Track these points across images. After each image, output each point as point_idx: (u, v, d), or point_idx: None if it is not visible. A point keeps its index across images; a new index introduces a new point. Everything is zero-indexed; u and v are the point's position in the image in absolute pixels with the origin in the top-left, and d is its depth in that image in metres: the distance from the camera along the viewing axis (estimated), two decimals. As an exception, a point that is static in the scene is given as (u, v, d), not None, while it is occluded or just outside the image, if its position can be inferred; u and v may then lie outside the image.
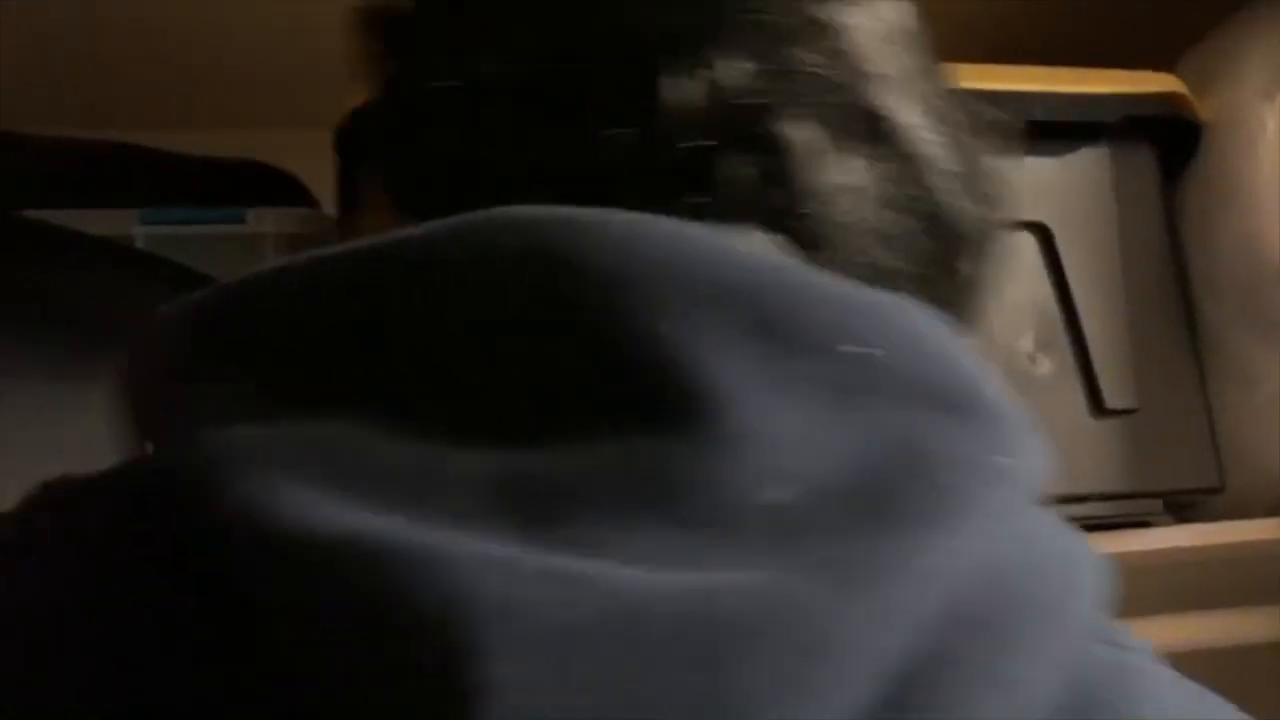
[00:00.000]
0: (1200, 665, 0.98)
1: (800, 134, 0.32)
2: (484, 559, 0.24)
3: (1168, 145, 0.88)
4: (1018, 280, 0.80)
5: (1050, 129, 0.81)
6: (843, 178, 0.33)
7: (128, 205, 0.74)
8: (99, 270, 0.71)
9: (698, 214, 0.30)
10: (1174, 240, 0.87)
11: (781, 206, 0.32)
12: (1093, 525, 0.81)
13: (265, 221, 0.77)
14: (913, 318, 0.31)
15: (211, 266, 0.75)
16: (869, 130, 0.33)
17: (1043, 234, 0.82)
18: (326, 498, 0.26)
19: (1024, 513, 0.31)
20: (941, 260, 0.36)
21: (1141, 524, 0.82)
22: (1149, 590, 0.86)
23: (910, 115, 0.34)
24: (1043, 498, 0.34)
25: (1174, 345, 0.84)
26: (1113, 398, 0.80)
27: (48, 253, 0.70)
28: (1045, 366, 0.80)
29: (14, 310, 0.67)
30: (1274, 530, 0.82)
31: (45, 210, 0.70)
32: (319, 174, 0.88)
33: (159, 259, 0.74)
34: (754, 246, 0.32)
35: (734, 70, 0.32)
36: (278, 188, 0.83)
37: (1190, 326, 0.85)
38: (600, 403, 0.27)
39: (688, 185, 0.32)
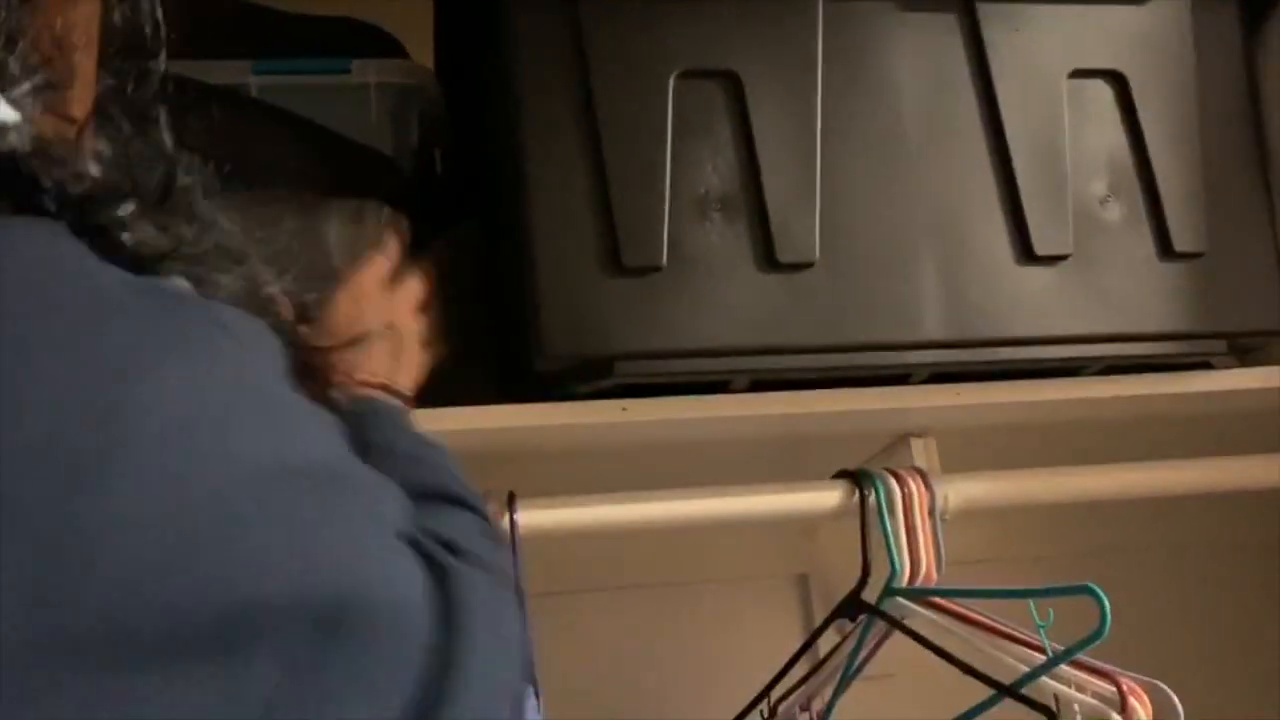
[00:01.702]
0: (1260, 506, 1.01)
1: None
2: None
3: (1251, -4, 0.88)
4: (1092, 126, 0.82)
5: (1130, -23, 0.82)
6: None
7: (242, 57, 0.79)
8: (216, 115, 0.76)
9: None
10: (1252, 90, 0.88)
11: None
12: (1156, 365, 0.84)
13: (369, 71, 0.81)
14: None
15: (319, 113, 0.81)
16: None
17: (1118, 81, 0.84)
18: None
19: None
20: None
21: (1204, 365, 0.84)
22: (1210, 432, 0.90)
23: None
24: None
25: (1245, 191, 0.85)
26: (1181, 241, 0.82)
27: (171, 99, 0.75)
28: (1116, 210, 0.82)
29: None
30: (1337, 373, 0.84)
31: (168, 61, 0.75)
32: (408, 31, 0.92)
33: (272, 106, 0.79)
34: None
35: None
36: (376, 41, 0.88)
37: (1263, 173, 0.86)
38: None
39: None
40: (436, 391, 0.84)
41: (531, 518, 0.77)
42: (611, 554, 0.89)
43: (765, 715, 0.88)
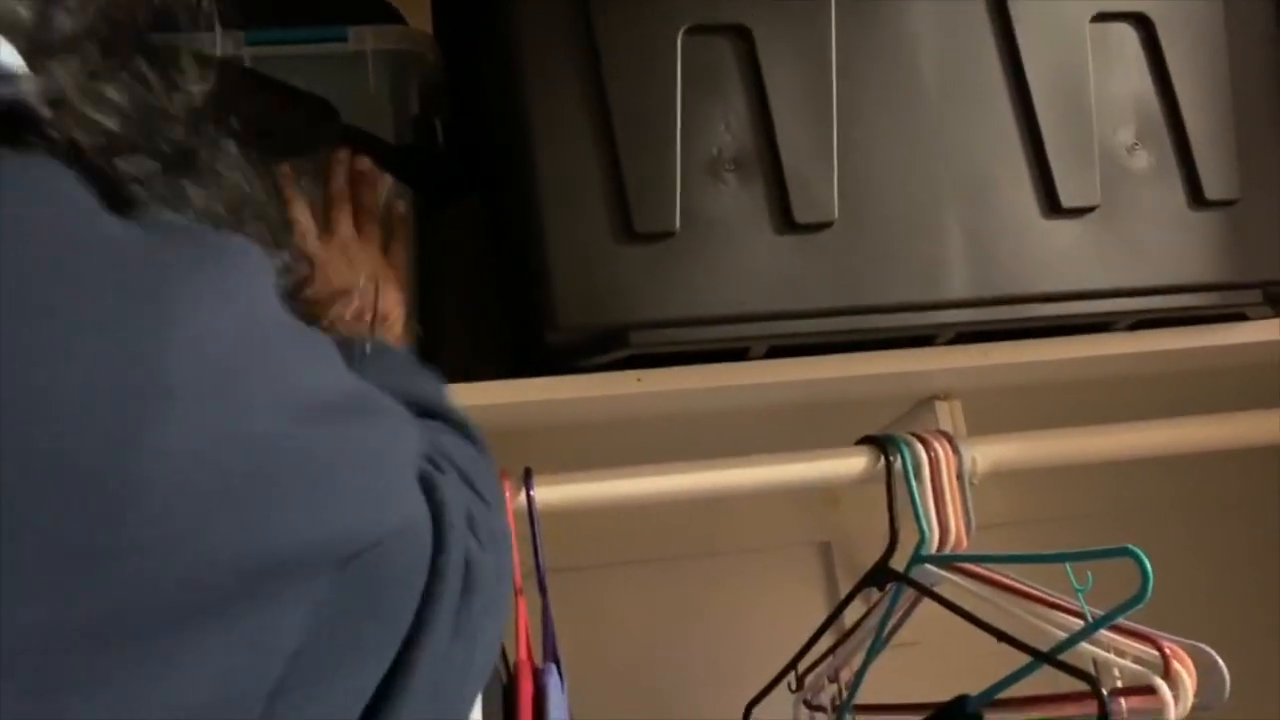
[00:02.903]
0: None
1: None
2: None
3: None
4: (1117, 72, 0.79)
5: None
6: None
7: (233, 27, 0.77)
8: (220, 90, 0.74)
9: None
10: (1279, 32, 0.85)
11: None
12: (1189, 318, 0.81)
13: (366, 39, 0.78)
14: None
15: (316, 84, 0.78)
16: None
17: (1144, 25, 0.80)
18: None
19: None
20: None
21: (1239, 316, 0.82)
22: (1245, 384, 0.87)
23: None
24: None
25: (1277, 137, 0.82)
26: (1212, 189, 0.79)
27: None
28: (1145, 159, 0.79)
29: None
30: (1375, 322, 0.81)
31: (159, 32, 0.73)
32: None
33: (268, 78, 0.76)
34: None
35: None
36: (373, 8, 0.85)
37: (1296, 117, 0.83)
38: None
39: None
40: (445, 368, 0.83)
41: (549, 493, 0.75)
42: (631, 527, 0.88)
43: (793, 686, 0.87)
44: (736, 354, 0.76)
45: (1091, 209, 0.77)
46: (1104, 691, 0.66)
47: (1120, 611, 0.66)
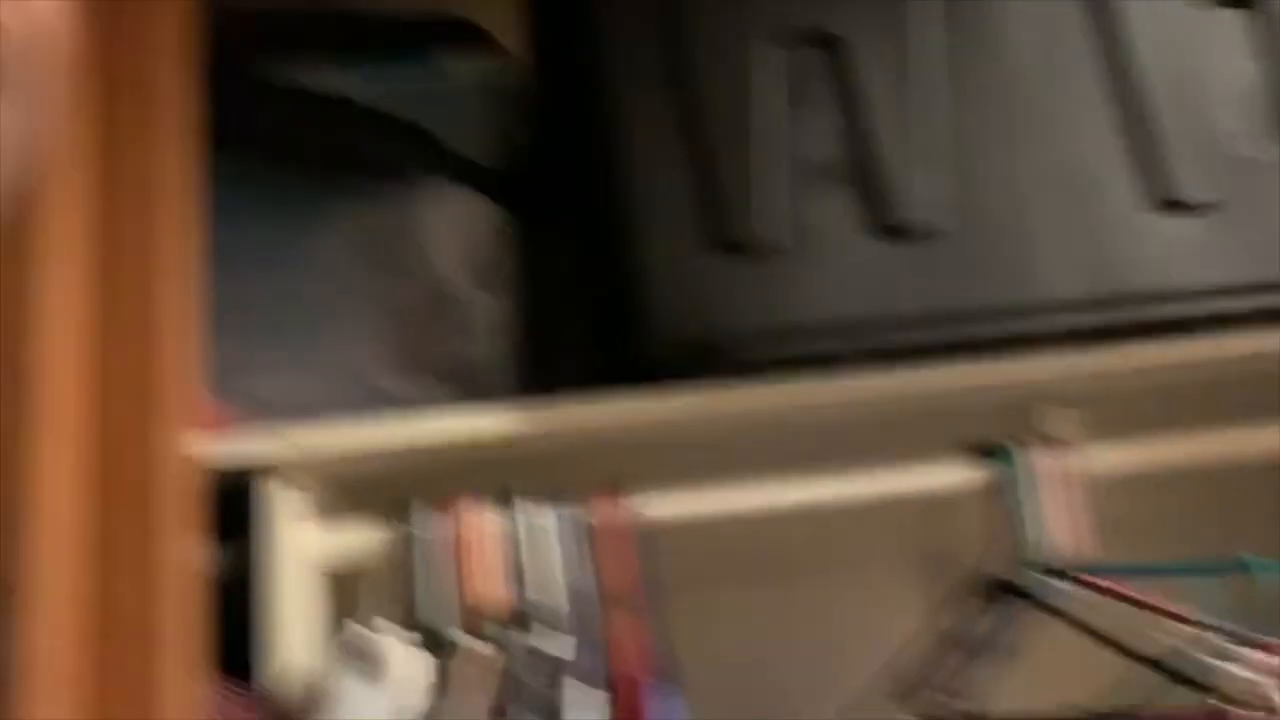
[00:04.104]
0: None
1: None
2: None
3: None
4: (1234, 56, 0.76)
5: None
6: None
7: (339, 61, 0.79)
8: (317, 120, 0.76)
9: None
10: None
11: None
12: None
13: (459, 65, 0.80)
14: None
15: (412, 110, 0.80)
16: None
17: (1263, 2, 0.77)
18: None
19: None
20: None
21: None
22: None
23: None
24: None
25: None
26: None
27: (277, 106, 0.75)
28: (1268, 148, 0.76)
29: (250, 156, 0.72)
30: None
31: (271, 68, 0.75)
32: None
33: (368, 108, 0.78)
34: None
35: None
36: (463, 33, 0.86)
37: None
38: None
39: None
40: (541, 384, 0.84)
41: (648, 508, 0.75)
42: (730, 541, 0.87)
43: (901, 699, 0.85)
44: (837, 364, 0.75)
45: (1208, 202, 0.74)
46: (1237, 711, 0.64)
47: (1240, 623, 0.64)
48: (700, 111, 0.73)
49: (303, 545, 0.76)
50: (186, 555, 0.67)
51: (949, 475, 0.78)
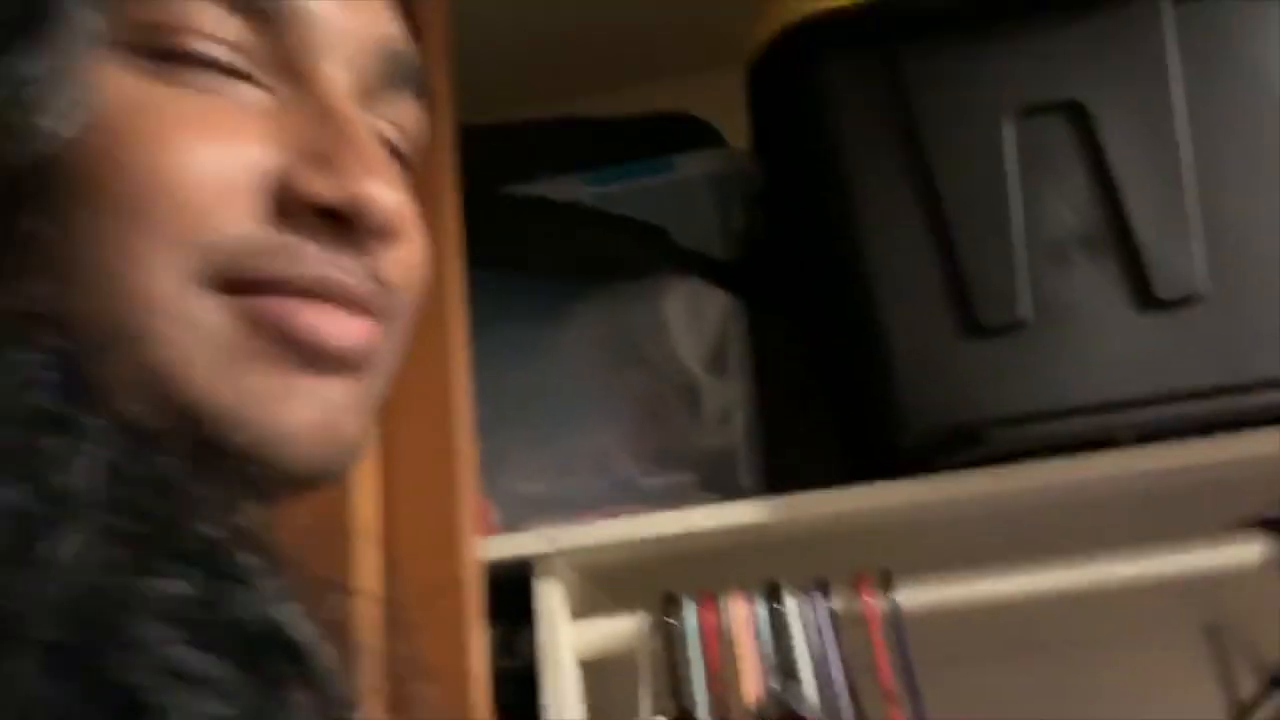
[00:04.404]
0: None
1: None
2: None
3: None
4: None
5: None
6: None
7: (573, 171, 0.83)
8: (561, 227, 0.80)
9: None
10: None
11: None
12: None
13: (692, 165, 0.82)
14: None
15: (647, 210, 0.82)
16: None
17: None
18: None
19: None
20: None
21: None
22: None
23: None
24: None
25: None
26: None
27: (523, 217, 0.80)
28: None
29: (503, 261, 0.77)
30: None
31: (515, 184, 0.80)
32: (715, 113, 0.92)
33: (607, 213, 0.81)
34: None
35: None
36: (694, 132, 0.89)
37: None
38: None
39: None
40: (782, 473, 0.84)
41: (912, 596, 0.74)
42: (1000, 620, 0.84)
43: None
44: (1100, 443, 0.72)
45: None
46: None
47: None
48: (937, 191, 0.72)
49: (569, 637, 0.79)
50: (480, 654, 0.71)
51: (1236, 554, 0.73)
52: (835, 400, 0.84)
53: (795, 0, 0.74)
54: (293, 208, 0.33)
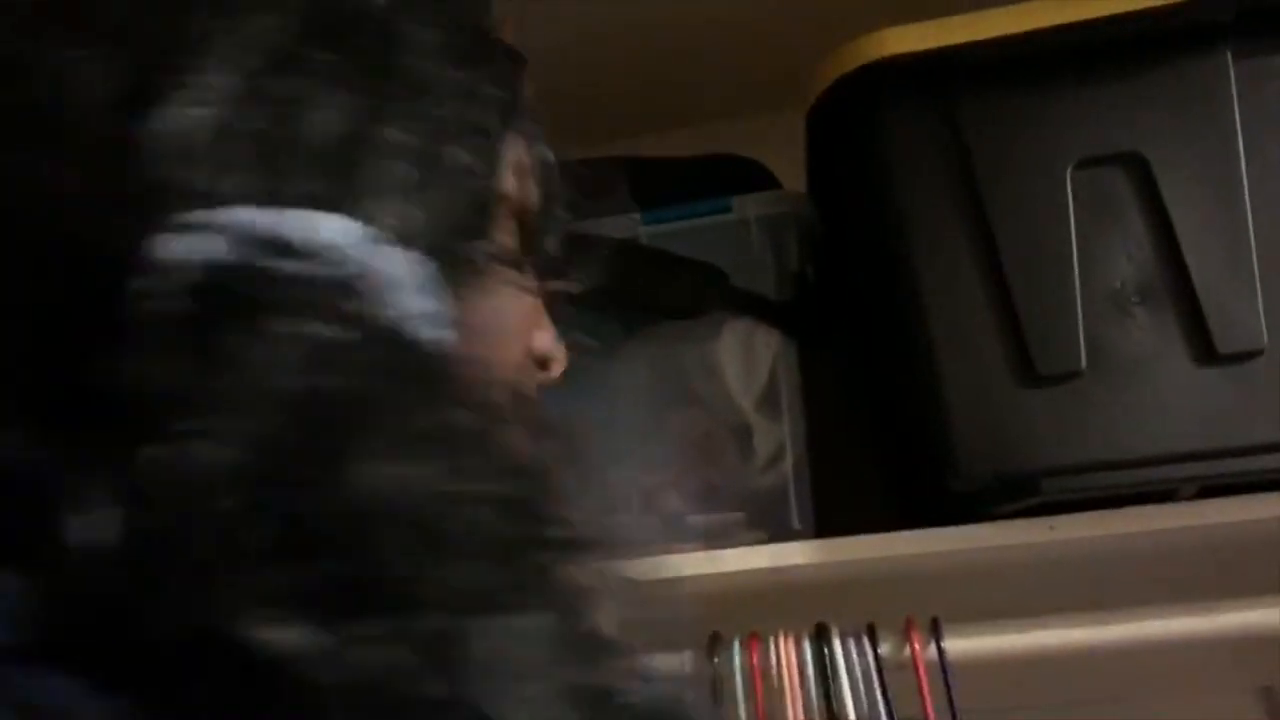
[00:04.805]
0: None
1: None
2: None
3: None
4: None
5: None
6: None
7: (630, 209, 0.84)
8: (621, 266, 0.81)
9: None
10: None
11: None
12: None
13: (748, 206, 0.83)
14: None
15: (704, 250, 0.83)
16: None
17: None
18: None
19: None
20: None
21: None
22: None
23: None
24: None
25: None
26: None
27: (585, 255, 0.81)
28: None
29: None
30: None
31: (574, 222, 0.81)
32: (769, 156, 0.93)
33: (665, 253, 0.82)
34: None
35: None
36: (749, 174, 0.90)
37: None
38: None
39: None
40: (836, 519, 0.83)
41: (960, 644, 0.74)
42: (1049, 672, 0.83)
43: None
44: (1156, 496, 0.72)
45: None
46: None
47: None
48: (995, 241, 0.72)
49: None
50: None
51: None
52: (887, 443, 0.84)
53: (857, 46, 0.74)
54: None
